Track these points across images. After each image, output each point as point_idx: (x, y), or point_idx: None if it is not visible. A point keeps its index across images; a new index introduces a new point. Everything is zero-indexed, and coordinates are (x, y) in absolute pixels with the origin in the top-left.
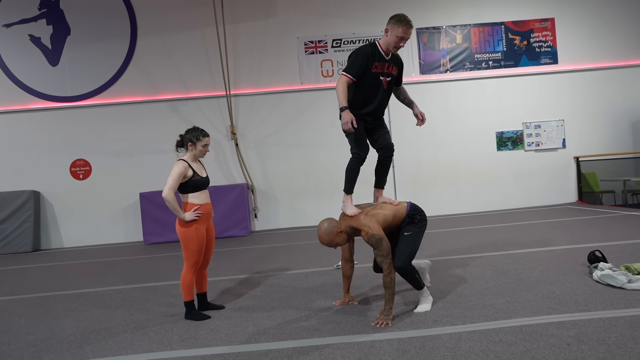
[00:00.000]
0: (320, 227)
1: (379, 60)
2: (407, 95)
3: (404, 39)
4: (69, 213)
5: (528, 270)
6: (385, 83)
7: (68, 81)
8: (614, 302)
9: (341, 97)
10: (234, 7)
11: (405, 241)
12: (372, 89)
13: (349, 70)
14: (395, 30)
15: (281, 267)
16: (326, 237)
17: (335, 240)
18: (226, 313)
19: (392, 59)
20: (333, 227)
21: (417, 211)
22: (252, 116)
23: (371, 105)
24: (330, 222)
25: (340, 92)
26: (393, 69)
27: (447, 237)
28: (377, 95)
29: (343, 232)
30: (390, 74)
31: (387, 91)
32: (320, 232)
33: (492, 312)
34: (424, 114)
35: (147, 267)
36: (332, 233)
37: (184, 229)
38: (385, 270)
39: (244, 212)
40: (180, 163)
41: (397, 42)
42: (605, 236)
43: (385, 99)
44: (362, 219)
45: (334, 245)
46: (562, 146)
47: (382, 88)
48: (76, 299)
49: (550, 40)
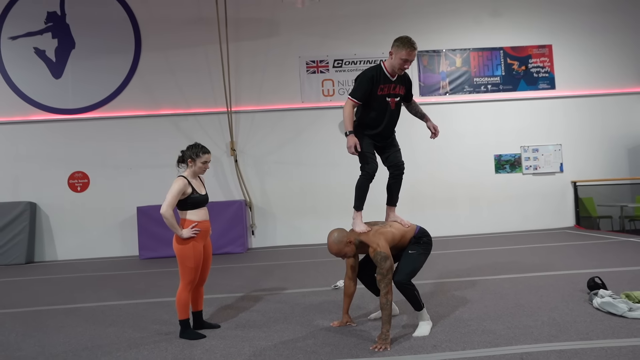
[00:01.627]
0: (330, 236)
1: (384, 82)
2: (419, 109)
3: (408, 61)
4: (64, 225)
5: (527, 295)
6: (393, 104)
7: (70, 94)
8: (615, 331)
9: (347, 121)
10: (238, 25)
11: (408, 258)
12: (379, 111)
13: (354, 94)
14: (399, 52)
15: (278, 285)
16: (335, 246)
17: (344, 251)
18: (222, 332)
19: (398, 79)
20: (343, 237)
21: (425, 235)
22: (252, 133)
23: (379, 126)
24: (341, 232)
25: (346, 116)
26: (400, 88)
27: (446, 260)
28: (385, 117)
29: (352, 243)
30: (398, 94)
31: (395, 111)
32: (330, 241)
33: (492, 338)
34: (437, 127)
35: (141, 282)
36: (341, 243)
37: (181, 246)
38: (382, 290)
39: (241, 229)
40: (179, 180)
41: (402, 65)
42: (604, 262)
43: (394, 119)
44: (371, 235)
45: (342, 256)
46: (559, 170)
47: (389, 109)
48: (69, 314)
49: (548, 66)
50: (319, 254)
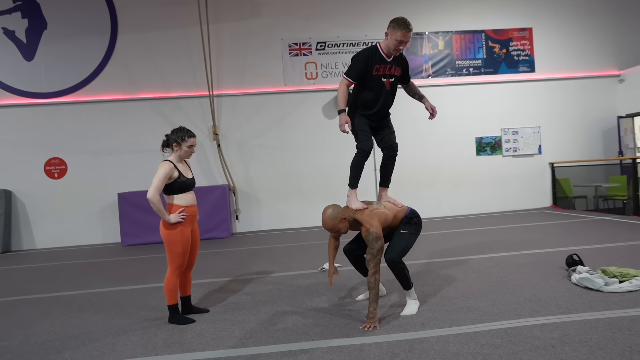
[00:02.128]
0: (325, 212)
1: (380, 62)
2: (418, 91)
3: (403, 42)
4: (42, 213)
5: (509, 273)
6: (388, 84)
7: (44, 77)
8: (593, 304)
9: (340, 100)
10: (218, 6)
11: (399, 237)
12: (374, 91)
13: (348, 73)
14: (395, 33)
15: (265, 269)
16: (330, 221)
17: (338, 226)
18: (211, 317)
19: (394, 60)
20: (338, 213)
21: (415, 215)
22: (235, 117)
23: (375, 106)
24: (336, 208)
25: (339, 94)
26: (396, 69)
27: (430, 240)
28: (381, 97)
29: (346, 219)
30: (393, 75)
31: (390, 92)
32: (324, 217)
33: (477, 315)
34: (435, 107)
35: (126, 269)
36: (336, 219)
37: (168, 231)
38: (370, 269)
39: (225, 214)
40: (165, 164)
41: (397, 45)
42: (580, 240)
43: (389, 99)
44: (366, 214)
45: (336, 232)
46: (538, 152)
47: (384, 89)
48: (51, 303)
49: (528, 49)
50: (305, 237)
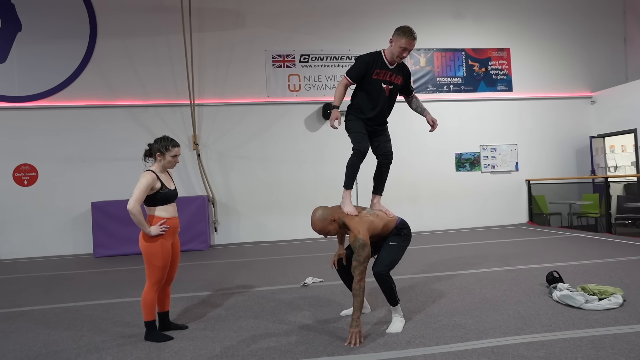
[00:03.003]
0: (315, 214)
1: (381, 68)
2: (420, 104)
3: (407, 50)
4: (9, 221)
5: (492, 289)
6: (387, 91)
7: (16, 80)
8: (575, 322)
9: (335, 96)
10: (202, 15)
11: (388, 249)
12: (373, 95)
13: (349, 72)
14: (399, 41)
15: (245, 283)
16: (320, 223)
17: (328, 228)
18: (190, 333)
19: (396, 69)
20: (327, 215)
21: (405, 227)
22: (216, 127)
23: (373, 111)
24: (325, 210)
25: (337, 91)
26: (397, 78)
27: (412, 256)
28: (379, 102)
29: (336, 221)
30: (393, 83)
31: (389, 99)
32: (314, 219)
33: (463, 333)
34: (436, 120)
35: (98, 282)
36: (325, 220)
37: (148, 243)
38: (356, 277)
39: (203, 225)
40: (147, 174)
41: (401, 53)
42: (558, 257)
43: (387, 106)
44: (355, 220)
45: (326, 234)
46: (515, 169)
47: (383, 95)
48: (17, 319)
49: (506, 69)
50: (285, 250)
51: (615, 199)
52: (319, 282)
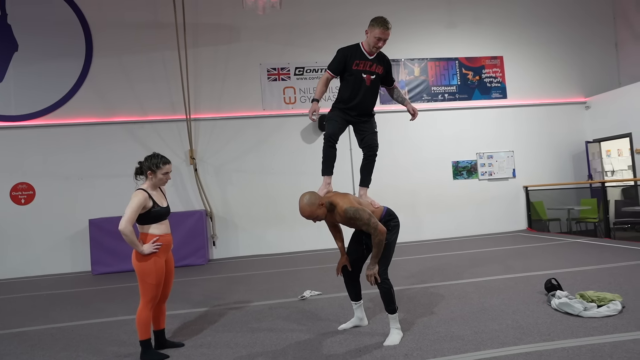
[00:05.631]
0: (302, 200)
1: (360, 58)
2: (401, 94)
3: (382, 40)
4: (6, 241)
5: (490, 298)
6: (368, 80)
7: (13, 99)
8: (574, 330)
9: (317, 89)
10: (197, 31)
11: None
12: (354, 85)
13: (329, 66)
14: (373, 31)
15: (243, 298)
16: (308, 208)
17: (316, 213)
18: (186, 351)
19: (376, 59)
20: (315, 199)
21: (392, 217)
22: (213, 141)
23: (354, 99)
24: (312, 195)
25: (318, 84)
26: (378, 67)
27: (410, 266)
28: (360, 91)
29: (324, 205)
30: (374, 72)
31: (370, 88)
32: (302, 204)
33: (461, 344)
34: (416, 109)
35: (95, 300)
36: (313, 205)
37: (141, 262)
38: (372, 234)
39: (202, 240)
40: (139, 193)
41: (376, 43)
42: (557, 263)
43: (369, 95)
44: (340, 197)
45: (315, 218)
46: (512, 176)
47: (364, 84)
48: (12, 340)
49: (500, 77)
50: (284, 263)
51: (613, 203)
52: (317, 295)
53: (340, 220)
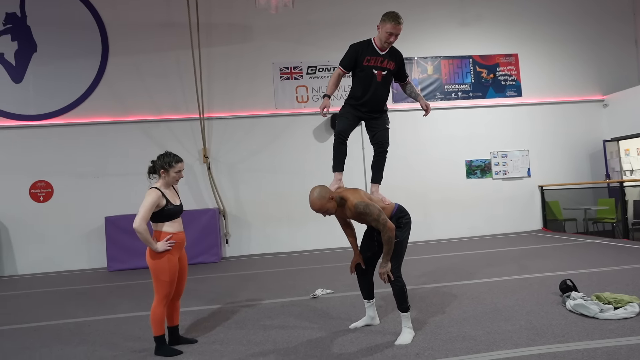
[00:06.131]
0: (312, 193)
1: (372, 54)
2: (414, 90)
3: (393, 34)
4: (26, 237)
5: (503, 299)
6: (380, 76)
7: (32, 99)
8: (589, 332)
9: (329, 85)
10: (210, 31)
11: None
12: (365, 80)
13: (341, 62)
14: (385, 26)
15: (255, 296)
16: (318, 201)
17: (327, 206)
18: (199, 347)
19: (388, 54)
20: (325, 193)
21: (403, 214)
22: (225, 140)
23: (364, 96)
24: (323, 188)
25: (330, 80)
26: (389, 63)
27: (422, 265)
28: (370, 87)
29: (334, 199)
30: (386, 68)
31: (381, 84)
32: (312, 198)
33: (473, 344)
34: (429, 105)
35: (111, 297)
36: (324, 198)
37: (155, 260)
38: (382, 231)
39: (214, 238)
40: (152, 192)
41: (387, 38)
42: (572, 264)
43: (380, 91)
44: (350, 192)
45: (324, 212)
46: (527, 175)
47: (375, 80)
48: (31, 334)
49: (515, 75)
50: (295, 262)
51: (631, 203)
52: (329, 293)
53: (350, 216)
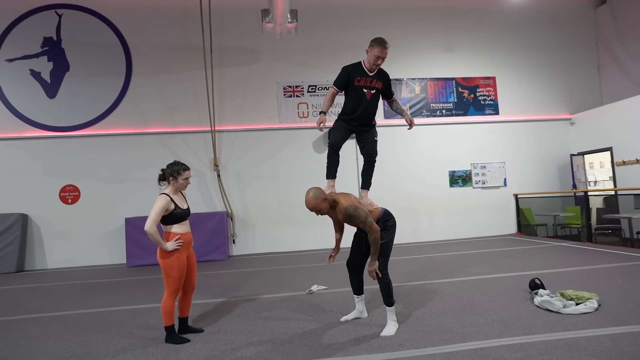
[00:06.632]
0: (308, 193)
1: (362, 75)
2: (399, 106)
3: (380, 57)
4: (55, 235)
5: (479, 295)
6: (369, 94)
7: (64, 113)
8: (553, 325)
9: (324, 103)
10: (222, 53)
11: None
12: (356, 98)
13: (335, 82)
14: (373, 50)
15: (257, 291)
16: (313, 201)
17: (320, 206)
18: (205, 336)
19: (376, 75)
20: (320, 194)
21: (389, 217)
22: (234, 150)
23: (356, 112)
24: (318, 190)
25: (325, 98)
26: (377, 83)
27: (408, 264)
28: (361, 103)
29: (327, 200)
30: (375, 87)
31: (370, 101)
32: (308, 197)
33: (450, 336)
34: (413, 120)
35: (129, 289)
36: (318, 199)
37: (165, 258)
38: (368, 232)
39: (223, 238)
40: (162, 197)
41: (375, 60)
42: (541, 264)
43: (370, 108)
44: (341, 196)
45: (318, 211)
46: (503, 184)
47: (364, 98)
48: (57, 322)
49: (493, 95)
50: (295, 260)
51: (595, 210)
52: (323, 289)
53: (341, 217)
